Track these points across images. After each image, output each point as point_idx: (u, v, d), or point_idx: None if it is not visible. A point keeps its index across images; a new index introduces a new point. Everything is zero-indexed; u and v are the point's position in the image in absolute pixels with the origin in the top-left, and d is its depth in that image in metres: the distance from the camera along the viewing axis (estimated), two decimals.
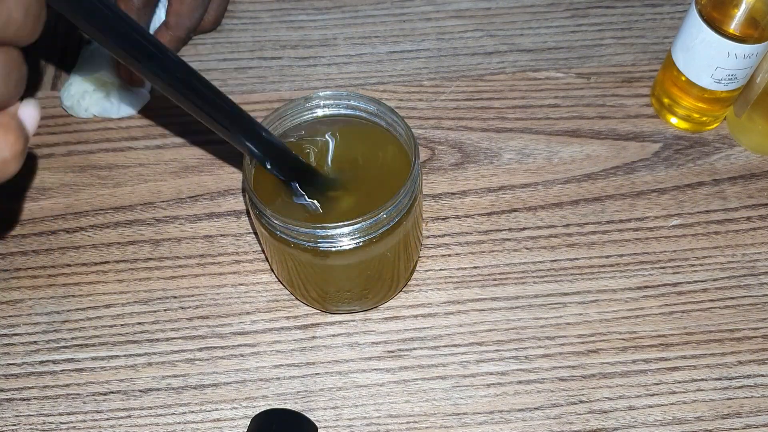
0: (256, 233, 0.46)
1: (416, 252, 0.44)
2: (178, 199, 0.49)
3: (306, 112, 0.41)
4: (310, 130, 0.41)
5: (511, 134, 0.51)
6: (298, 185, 0.38)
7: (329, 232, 0.36)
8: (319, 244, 0.37)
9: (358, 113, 0.41)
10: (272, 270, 0.44)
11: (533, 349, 0.43)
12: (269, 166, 0.37)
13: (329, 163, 0.40)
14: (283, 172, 0.38)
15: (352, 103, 0.40)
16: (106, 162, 0.50)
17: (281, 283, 0.45)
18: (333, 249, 0.37)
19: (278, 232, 0.37)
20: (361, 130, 0.41)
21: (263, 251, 0.45)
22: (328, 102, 0.40)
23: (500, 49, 0.55)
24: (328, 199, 0.39)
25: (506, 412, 0.41)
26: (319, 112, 0.41)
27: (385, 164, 0.40)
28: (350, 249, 0.37)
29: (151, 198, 0.49)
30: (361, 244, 0.37)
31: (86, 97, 0.51)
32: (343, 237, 0.36)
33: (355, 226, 0.36)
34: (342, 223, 0.36)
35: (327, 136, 0.41)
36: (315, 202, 0.38)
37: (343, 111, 0.41)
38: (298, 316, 0.44)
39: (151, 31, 0.52)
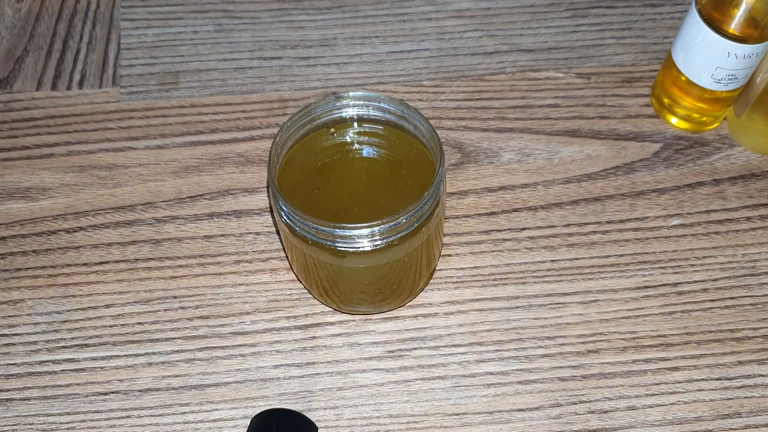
0: (277, 229, 0.46)
1: (435, 260, 0.44)
2: (178, 199, 0.49)
3: (335, 111, 0.41)
4: (337, 128, 0.41)
5: (511, 134, 0.51)
6: None
7: (348, 233, 0.36)
8: (337, 244, 0.37)
9: (385, 116, 0.41)
10: (290, 266, 0.44)
11: (533, 349, 0.43)
12: None
13: (352, 163, 0.40)
14: None
15: (382, 105, 0.40)
16: (106, 162, 0.50)
17: (298, 279, 0.45)
18: (351, 249, 0.37)
19: (297, 229, 0.37)
20: (387, 133, 0.41)
21: (283, 247, 0.45)
22: (358, 102, 0.40)
23: (500, 49, 0.55)
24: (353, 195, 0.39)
25: (506, 412, 0.41)
26: (346, 113, 0.41)
27: (410, 168, 0.40)
28: (368, 251, 0.37)
29: (151, 198, 0.49)
30: (380, 246, 0.37)
31: None
32: (362, 238, 0.36)
33: (375, 228, 0.36)
34: (361, 224, 0.36)
35: (353, 136, 0.41)
36: None
37: (371, 113, 0.41)
38: (298, 316, 0.44)
39: None
